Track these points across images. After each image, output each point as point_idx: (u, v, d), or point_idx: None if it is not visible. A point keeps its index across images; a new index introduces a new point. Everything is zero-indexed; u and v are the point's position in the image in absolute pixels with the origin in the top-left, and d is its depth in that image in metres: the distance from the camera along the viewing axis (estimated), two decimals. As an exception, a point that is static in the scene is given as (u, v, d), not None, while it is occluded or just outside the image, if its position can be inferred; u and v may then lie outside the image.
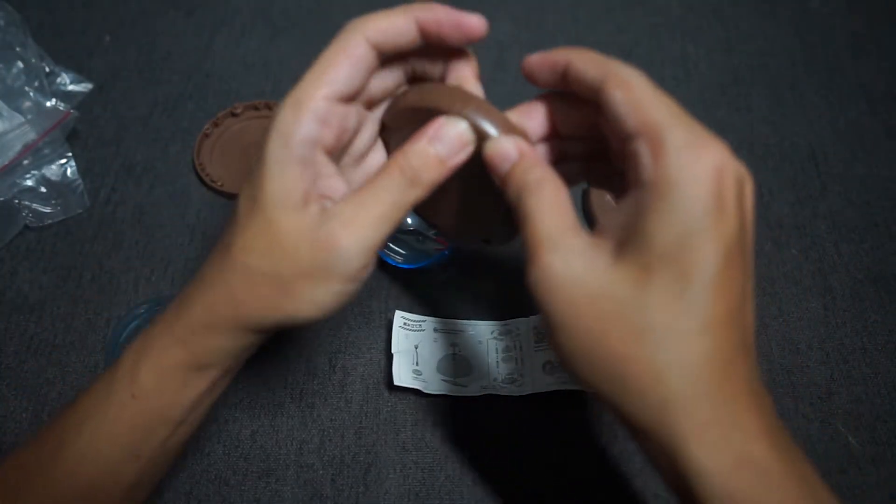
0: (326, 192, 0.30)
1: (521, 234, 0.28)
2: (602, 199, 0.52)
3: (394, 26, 0.29)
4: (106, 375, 0.33)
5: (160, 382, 0.32)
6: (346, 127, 0.31)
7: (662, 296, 0.24)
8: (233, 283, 0.31)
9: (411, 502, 0.42)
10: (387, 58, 0.31)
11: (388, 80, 0.32)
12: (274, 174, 0.29)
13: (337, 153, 0.31)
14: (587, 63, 0.28)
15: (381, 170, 0.30)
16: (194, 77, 0.61)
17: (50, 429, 0.33)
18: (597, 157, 0.31)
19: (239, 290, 0.30)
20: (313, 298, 0.30)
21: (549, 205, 0.27)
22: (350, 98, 0.30)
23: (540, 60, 0.30)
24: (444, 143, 0.29)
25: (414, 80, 0.33)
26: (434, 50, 0.31)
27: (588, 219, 0.52)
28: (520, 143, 0.29)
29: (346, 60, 0.29)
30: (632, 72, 0.27)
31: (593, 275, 0.25)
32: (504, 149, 0.29)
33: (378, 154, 0.35)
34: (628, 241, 0.25)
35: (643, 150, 0.25)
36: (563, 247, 0.26)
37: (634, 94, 0.26)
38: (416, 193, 0.30)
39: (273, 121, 0.29)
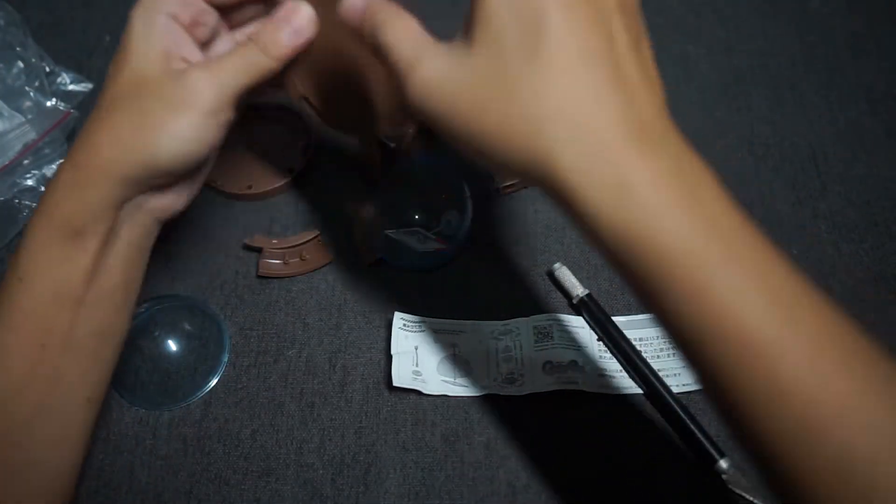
0: (186, 55, 0.34)
1: (387, 66, 0.30)
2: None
3: None
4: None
5: (38, 257, 0.33)
6: (202, 21, 0.36)
7: (516, 52, 0.26)
8: (95, 130, 0.33)
9: (411, 502, 0.42)
10: None
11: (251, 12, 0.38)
12: (138, 33, 0.33)
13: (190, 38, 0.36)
14: None
15: (241, 42, 0.35)
16: (194, 77, 0.61)
17: None
18: None
19: (101, 135, 0.32)
20: (173, 130, 0.32)
21: (403, 31, 0.30)
22: (213, 3, 0.36)
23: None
24: (290, 25, 0.34)
25: None
26: None
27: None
28: None
29: None
30: None
31: (460, 65, 0.28)
32: (352, 2, 0.32)
33: None
34: (474, 31, 0.27)
35: None
36: (430, 56, 0.28)
37: None
38: (267, 63, 0.34)
39: None
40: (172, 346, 0.47)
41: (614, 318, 0.47)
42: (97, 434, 0.44)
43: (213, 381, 0.46)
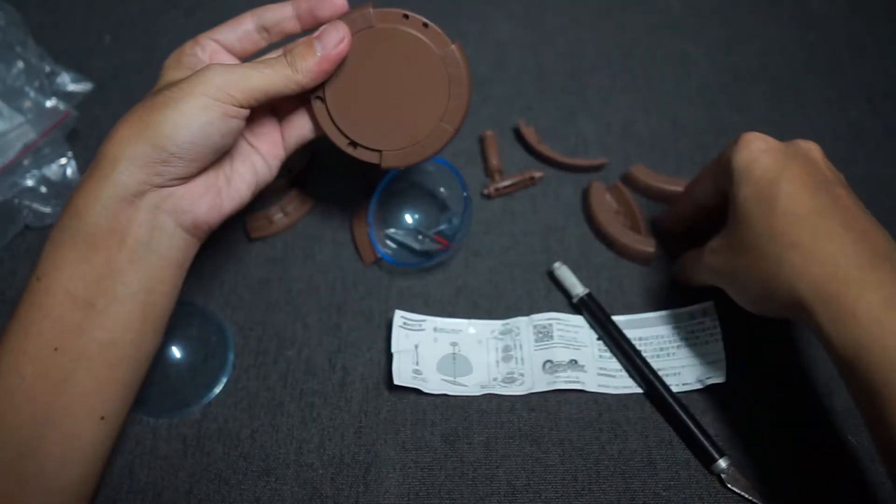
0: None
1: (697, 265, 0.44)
2: (602, 199, 0.52)
3: (278, 10, 0.41)
4: None
5: (55, 255, 0.34)
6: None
7: (761, 229, 0.37)
8: (120, 127, 0.35)
9: (411, 502, 0.42)
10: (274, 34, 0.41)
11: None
12: (171, 58, 0.40)
13: None
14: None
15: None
16: (194, 77, 0.61)
17: None
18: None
19: (116, 126, 0.35)
20: (179, 107, 0.34)
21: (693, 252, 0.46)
22: (232, 52, 0.41)
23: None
24: (321, 41, 0.38)
25: None
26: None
27: (587, 214, 0.52)
28: None
29: (232, 25, 0.41)
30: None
31: (727, 242, 0.40)
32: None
33: None
34: (732, 217, 0.40)
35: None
36: (713, 240, 0.42)
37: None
38: (291, 76, 0.37)
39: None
40: (177, 352, 0.47)
41: (614, 318, 0.47)
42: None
43: (223, 383, 0.46)
